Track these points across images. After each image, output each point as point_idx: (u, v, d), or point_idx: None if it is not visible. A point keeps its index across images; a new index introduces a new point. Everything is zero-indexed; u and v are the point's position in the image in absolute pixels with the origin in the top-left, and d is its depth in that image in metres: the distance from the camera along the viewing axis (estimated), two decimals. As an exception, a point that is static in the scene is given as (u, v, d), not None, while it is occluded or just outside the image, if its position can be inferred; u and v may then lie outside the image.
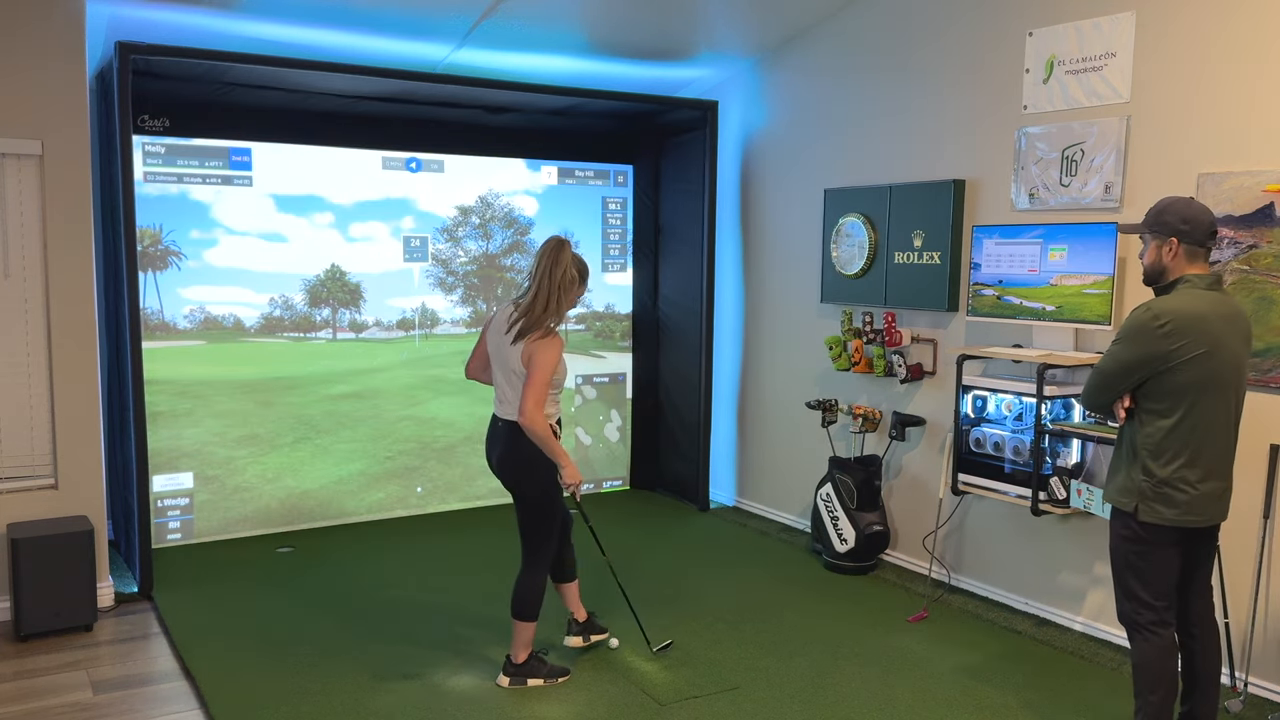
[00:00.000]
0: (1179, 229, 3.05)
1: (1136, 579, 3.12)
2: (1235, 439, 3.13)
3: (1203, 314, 2.99)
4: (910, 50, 5.14)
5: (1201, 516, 3.07)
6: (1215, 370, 2.99)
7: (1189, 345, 2.96)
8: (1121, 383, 3.07)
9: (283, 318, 5.72)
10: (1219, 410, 3.04)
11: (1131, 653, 3.17)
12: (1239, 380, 3.08)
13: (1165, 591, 3.12)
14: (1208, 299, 3.02)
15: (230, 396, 5.59)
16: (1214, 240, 3.10)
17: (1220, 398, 3.03)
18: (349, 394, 5.93)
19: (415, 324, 6.11)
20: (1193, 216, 3.05)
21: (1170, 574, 3.12)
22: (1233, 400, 3.07)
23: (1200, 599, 3.26)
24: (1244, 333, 3.09)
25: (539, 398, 3.57)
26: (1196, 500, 3.04)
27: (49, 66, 4.35)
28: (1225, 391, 3.03)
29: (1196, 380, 2.98)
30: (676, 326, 6.58)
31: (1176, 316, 2.97)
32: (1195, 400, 3.00)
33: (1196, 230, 3.04)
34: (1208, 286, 3.05)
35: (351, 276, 5.88)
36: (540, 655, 3.94)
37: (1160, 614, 3.11)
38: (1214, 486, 3.07)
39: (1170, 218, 3.07)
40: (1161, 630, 3.12)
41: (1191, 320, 2.97)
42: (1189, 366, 2.97)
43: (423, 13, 4.94)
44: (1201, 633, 3.26)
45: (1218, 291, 3.07)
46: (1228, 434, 3.09)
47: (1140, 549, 3.10)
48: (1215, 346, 2.98)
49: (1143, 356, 3.00)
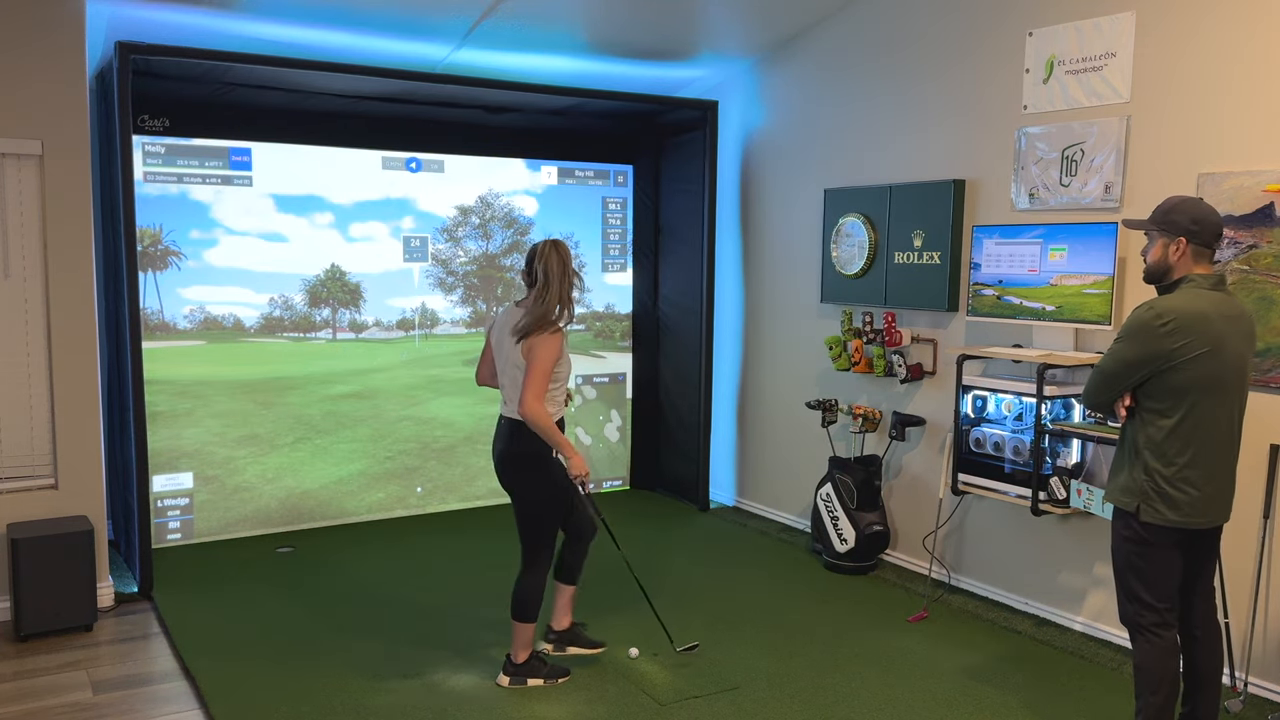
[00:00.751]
0: (1189, 229, 3.04)
1: (1138, 580, 3.11)
2: (1239, 440, 3.12)
3: (1205, 313, 2.98)
4: (910, 50, 5.14)
5: (1204, 518, 3.05)
6: (1217, 370, 2.98)
7: (1191, 344, 2.95)
8: (1123, 381, 3.06)
9: (282, 318, 5.72)
10: (1221, 410, 3.02)
11: (1133, 653, 3.17)
12: (1241, 381, 3.07)
13: (1168, 593, 3.11)
14: (1211, 299, 3.01)
15: (230, 396, 5.59)
16: (1220, 242, 3.10)
17: (1222, 398, 3.02)
18: (349, 394, 5.93)
19: (415, 324, 6.11)
20: (1202, 217, 3.04)
21: (1173, 575, 3.11)
22: (1235, 401, 3.06)
23: (1204, 601, 3.25)
24: (1247, 333, 3.08)
25: (538, 390, 3.59)
26: (1199, 501, 3.03)
27: (49, 66, 4.35)
28: (1228, 392, 3.02)
29: (1198, 380, 2.97)
30: (676, 326, 6.58)
31: (1179, 315, 2.96)
32: (1197, 400, 2.99)
33: (1205, 231, 3.04)
34: (1211, 286, 3.04)
35: (351, 276, 5.88)
36: (540, 655, 3.94)
37: (1162, 615, 3.10)
38: (1216, 487, 3.05)
39: (1180, 217, 3.06)
40: (1164, 632, 3.10)
41: (1194, 319, 2.96)
42: (1191, 366, 2.96)
43: (423, 13, 4.94)
44: (1204, 634, 3.24)
45: (1221, 292, 3.05)
46: (1230, 434, 3.08)
47: (1142, 549, 3.09)
48: (1217, 346, 2.97)
49: (1145, 355, 2.99)
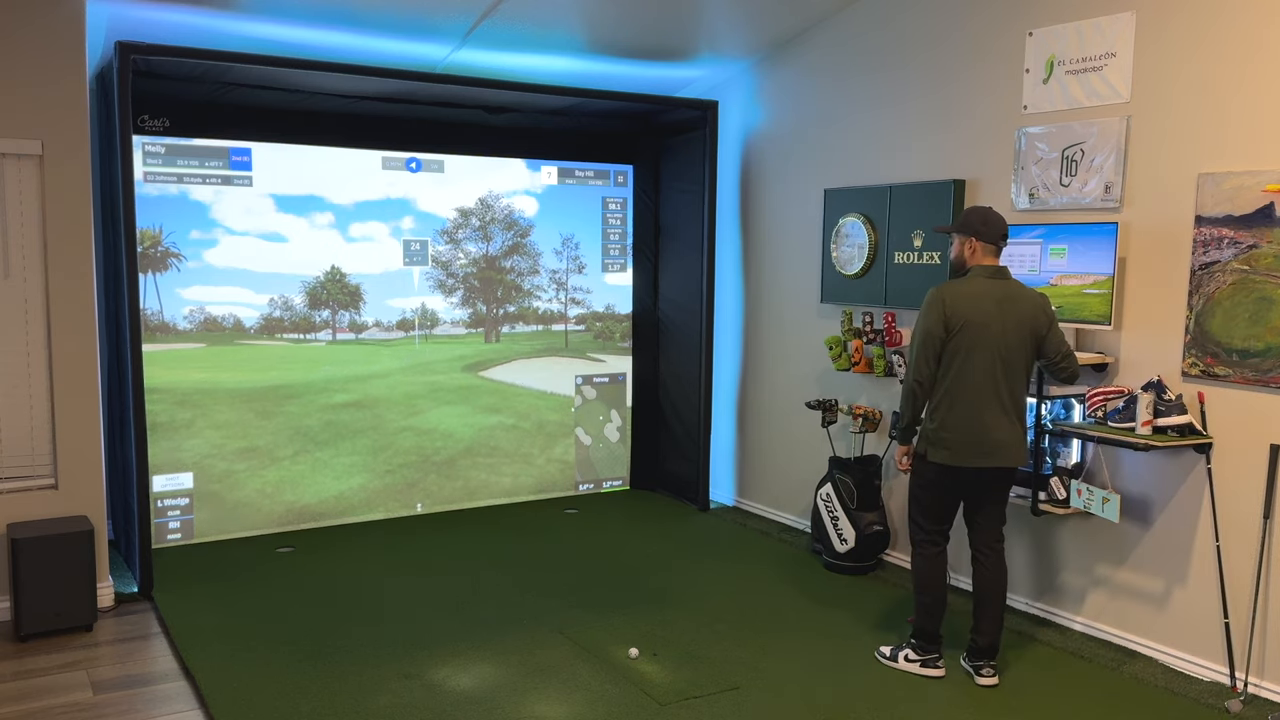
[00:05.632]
0: (978, 230, 3.84)
1: (915, 506, 4.02)
2: (1011, 398, 3.76)
3: (977, 295, 3.76)
4: (910, 50, 5.14)
5: (965, 460, 3.79)
6: (982, 340, 3.72)
7: (955, 317, 3.74)
8: (932, 347, 3.79)
9: (282, 318, 5.72)
10: (981, 374, 3.74)
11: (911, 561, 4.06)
12: (1011, 351, 3.75)
13: (939, 518, 3.98)
14: (987, 285, 3.79)
15: (230, 406, 5.58)
16: (1005, 241, 3.88)
17: (983, 362, 3.73)
18: (348, 403, 5.91)
19: (415, 324, 6.11)
20: (989, 221, 3.84)
21: (944, 504, 3.95)
22: (1000, 365, 3.74)
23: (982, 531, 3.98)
24: (1025, 313, 3.76)
25: None
26: (958, 445, 3.79)
27: (49, 66, 4.36)
28: (990, 358, 3.73)
29: (962, 346, 3.74)
30: (676, 327, 6.58)
31: (954, 295, 3.78)
32: (961, 363, 3.75)
33: (991, 231, 3.83)
34: (989, 276, 3.82)
35: (351, 278, 5.88)
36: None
37: (931, 535, 3.99)
38: (974, 435, 3.75)
39: (972, 220, 3.86)
40: (931, 548, 3.99)
41: (966, 299, 3.76)
42: (959, 335, 3.74)
43: (423, 13, 4.94)
44: (986, 559, 3.96)
45: (1000, 280, 3.82)
46: (994, 393, 3.74)
47: (920, 482, 3.97)
48: (985, 321, 3.73)
49: (933, 322, 3.77)
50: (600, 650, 4.18)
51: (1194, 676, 3.99)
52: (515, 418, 6.42)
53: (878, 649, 4.19)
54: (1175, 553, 4.08)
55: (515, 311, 6.43)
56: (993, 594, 3.94)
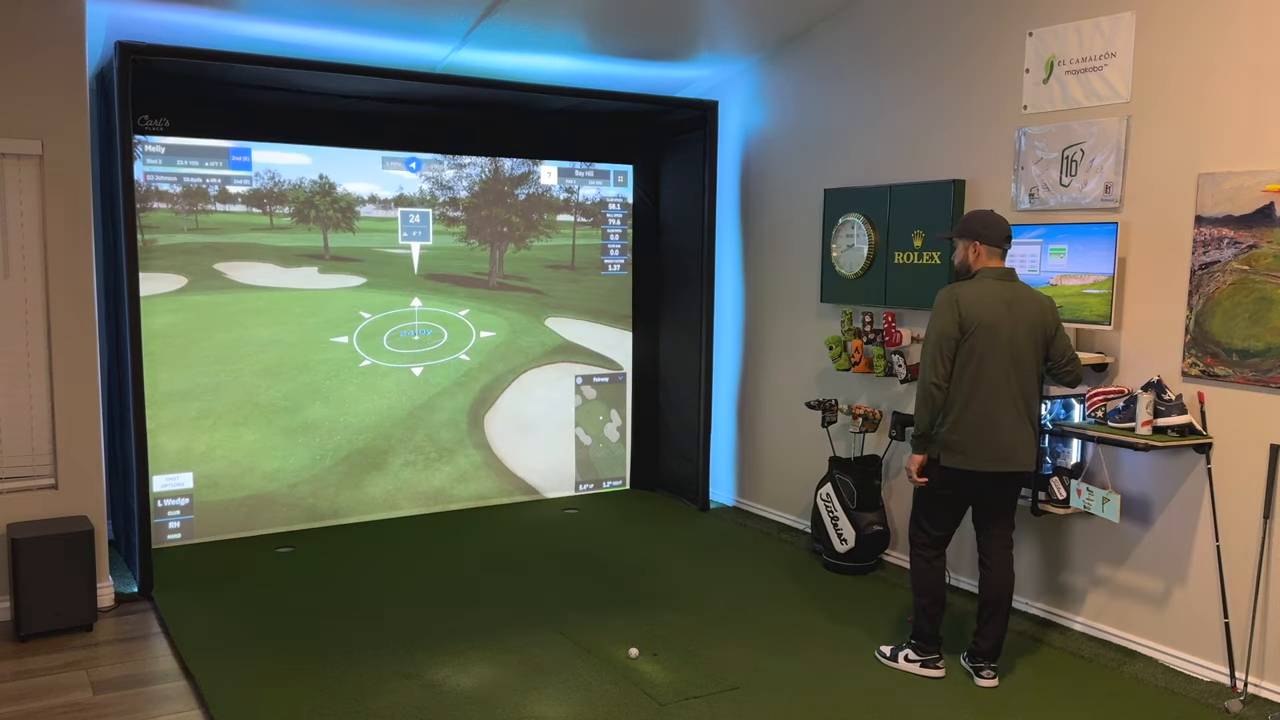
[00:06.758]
0: (981, 233, 3.81)
1: (920, 510, 3.98)
2: (1024, 399, 3.74)
3: (986, 297, 3.73)
4: (910, 50, 5.14)
5: (980, 464, 3.74)
6: (993, 342, 3.69)
7: (970, 319, 3.71)
8: (946, 348, 3.73)
9: (271, 214, 5.61)
10: (997, 375, 3.70)
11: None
12: (1023, 351, 3.73)
13: (944, 524, 3.95)
14: (995, 286, 3.76)
15: (230, 407, 5.59)
16: (1009, 243, 3.86)
17: (997, 364, 3.70)
18: (349, 404, 5.91)
19: (415, 317, 6.09)
20: (991, 224, 3.81)
21: (950, 509, 3.91)
22: (1012, 366, 3.71)
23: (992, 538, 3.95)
24: (1033, 315, 3.75)
25: None
26: (972, 448, 3.74)
27: (49, 67, 4.35)
28: (1003, 360, 3.70)
29: (975, 348, 3.70)
30: (676, 327, 6.58)
31: (964, 296, 3.74)
32: (975, 365, 3.71)
33: (993, 234, 3.81)
34: (997, 278, 3.79)
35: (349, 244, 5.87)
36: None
37: (933, 540, 3.97)
38: (989, 437, 3.71)
39: (974, 224, 3.83)
40: (930, 551, 3.98)
41: (975, 301, 3.72)
42: (972, 337, 3.71)
43: (423, 13, 4.94)
44: (994, 564, 3.93)
45: (1007, 282, 3.79)
46: (1008, 393, 3.71)
47: (930, 487, 3.89)
48: (995, 323, 3.70)
49: (947, 324, 3.73)
50: (600, 650, 4.18)
51: (1194, 676, 3.99)
52: (516, 417, 6.42)
53: (878, 649, 4.19)
54: (1175, 553, 4.09)
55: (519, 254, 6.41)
56: (999, 598, 3.91)
